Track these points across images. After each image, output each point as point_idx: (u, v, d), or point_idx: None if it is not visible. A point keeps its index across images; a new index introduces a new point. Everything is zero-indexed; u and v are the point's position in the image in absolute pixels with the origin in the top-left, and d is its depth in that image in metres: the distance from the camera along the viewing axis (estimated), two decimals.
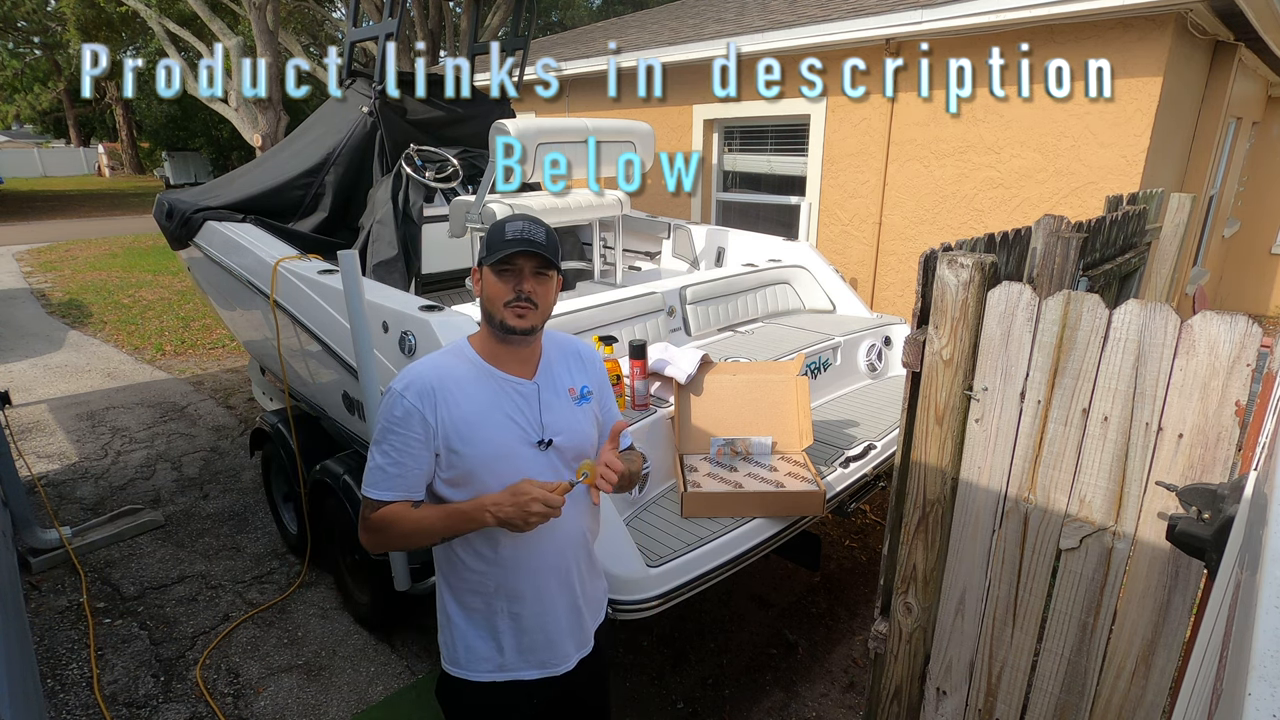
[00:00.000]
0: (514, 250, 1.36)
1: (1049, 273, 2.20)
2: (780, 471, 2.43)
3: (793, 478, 2.38)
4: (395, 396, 1.40)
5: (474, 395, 1.42)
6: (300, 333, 3.14)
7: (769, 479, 2.38)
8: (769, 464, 2.49)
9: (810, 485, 2.33)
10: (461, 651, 1.51)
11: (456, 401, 1.40)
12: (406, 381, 1.40)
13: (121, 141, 32.51)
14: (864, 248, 5.31)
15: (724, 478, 2.39)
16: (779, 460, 2.52)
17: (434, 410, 1.38)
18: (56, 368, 6.61)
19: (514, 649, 1.51)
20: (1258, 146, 7.66)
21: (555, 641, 1.53)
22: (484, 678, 1.51)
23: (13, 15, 22.40)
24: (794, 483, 2.34)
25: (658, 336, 3.10)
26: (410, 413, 1.38)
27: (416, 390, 1.39)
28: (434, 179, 4.05)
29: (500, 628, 1.50)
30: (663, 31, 6.66)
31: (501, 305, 1.39)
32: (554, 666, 1.54)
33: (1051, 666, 1.65)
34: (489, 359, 1.45)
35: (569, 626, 1.55)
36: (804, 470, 2.43)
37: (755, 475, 2.41)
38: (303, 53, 14.62)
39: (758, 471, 2.44)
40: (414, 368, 1.44)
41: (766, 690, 2.80)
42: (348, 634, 3.10)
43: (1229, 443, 1.33)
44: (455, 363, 1.45)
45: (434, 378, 1.41)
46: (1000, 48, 3.34)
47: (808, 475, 2.40)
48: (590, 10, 27.19)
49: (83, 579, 3.46)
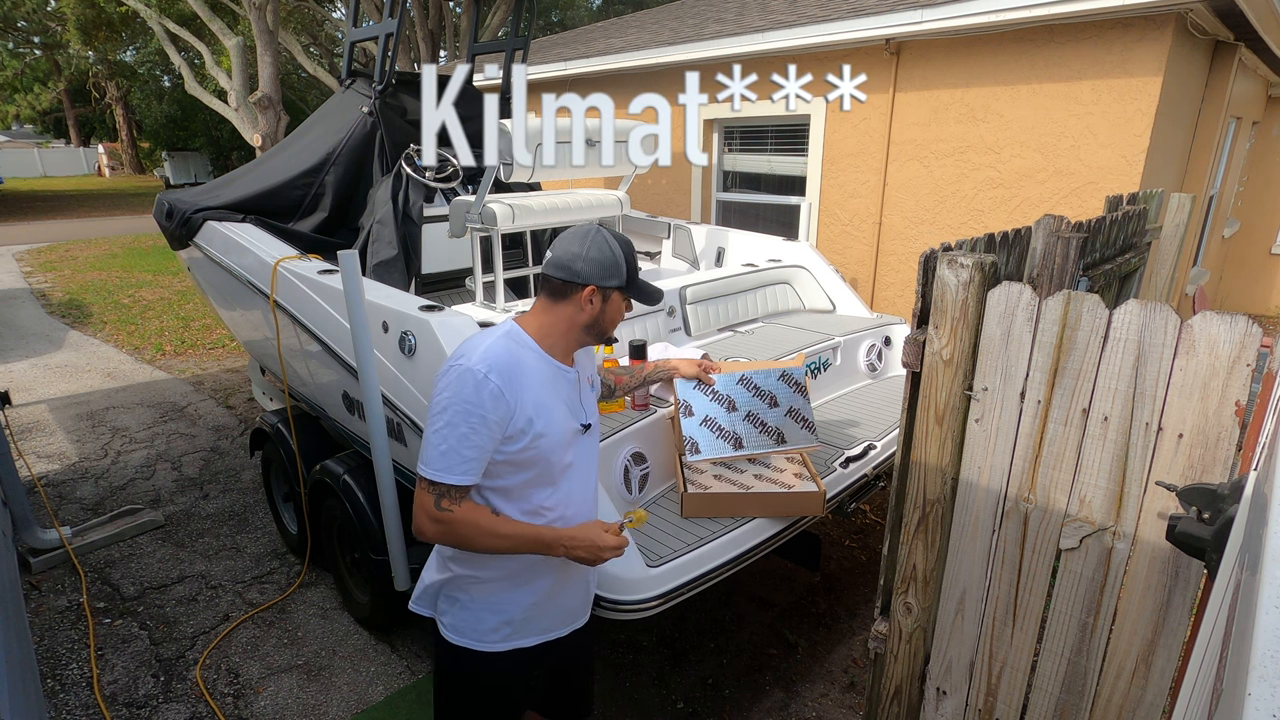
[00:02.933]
0: (652, 299, 1.58)
1: (1049, 273, 2.20)
2: (780, 472, 2.43)
3: (793, 478, 2.38)
4: (475, 376, 1.37)
5: (540, 380, 1.47)
6: (300, 333, 3.14)
7: (769, 479, 2.38)
8: (769, 464, 2.49)
9: (810, 485, 2.33)
10: (471, 622, 1.56)
11: (530, 384, 1.44)
12: (488, 362, 1.39)
13: (121, 141, 32.52)
14: (864, 248, 5.31)
15: (724, 478, 2.39)
16: (779, 460, 2.52)
17: (516, 392, 1.40)
18: (56, 368, 6.61)
19: (524, 620, 1.58)
20: (1258, 146, 7.66)
21: (568, 609, 1.67)
22: (489, 648, 1.57)
23: (13, 15, 22.41)
24: (794, 483, 2.34)
25: (658, 336, 3.10)
26: (495, 394, 1.38)
27: (500, 371, 1.39)
28: (434, 179, 4.05)
29: (520, 600, 1.56)
30: (663, 31, 6.66)
31: (613, 325, 1.56)
32: (554, 631, 1.65)
33: (1051, 666, 1.65)
34: (546, 348, 1.51)
35: (582, 599, 1.71)
36: (804, 470, 2.44)
37: (755, 475, 2.41)
38: (303, 53, 14.60)
39: (758, 471, 2.44)
40: (488, 348, 1.43)
41: (766, 690, 2.80)
42: (348, 634, 3.10)
43: (1229, 443, 1.33)
44: (517, 347, 1.47)
45: (511, 360, 1.43)
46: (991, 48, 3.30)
47: (808, 475, 2.40)
48: (590, 10, 27.19)
49: (83, 579, 3.46)
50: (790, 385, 2.40)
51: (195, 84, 13.17)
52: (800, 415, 2.37)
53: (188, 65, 14.07)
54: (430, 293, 4.09)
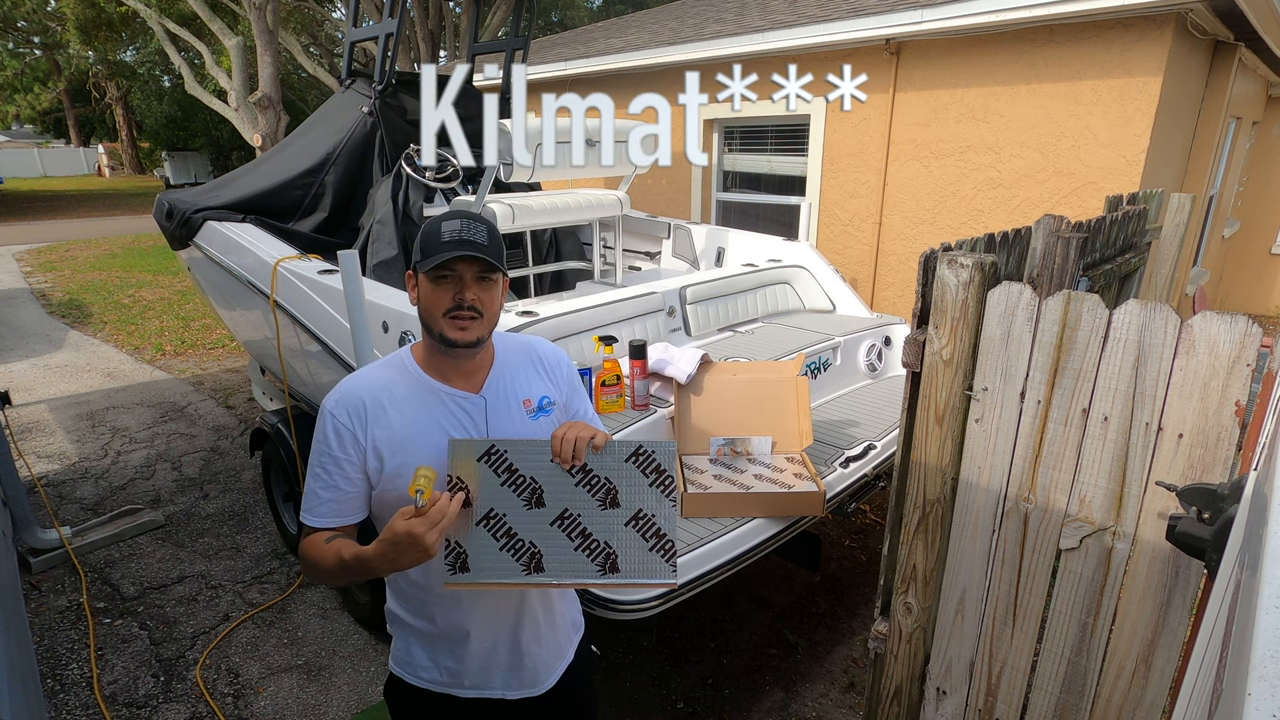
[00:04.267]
0: (452, 255, 1.20)
1: (1049, 273, 2.20)
2: (780, 471, 2.43)
3: (793, 478, 2.38)
4: (325, 414, 1.27)
5: (409, 412, 1.28)
6: (300, 333, 3.14)
7: (769, 479, 2.38)
8: (769, 464, 2.49)
9: (810, 485, 2.33)
10: (402, 654, 1.44)
11: (389, 419, 1.26)
12: (337, 397, 1.28)
13: (121, 141, 32.54)
14: (864, 248, 5.31)
15: (724, 478, 2.39)
16: (779, 460, 2.52)
17: (364, 428, 1.25)
18: (56, 368, 6.61)
19: (452, 669, 1.41)
20: (1258, 146, 7.66)
21: (505, 665, 1.41)
22: (422, 685, 1.43)
23: (13, 15, 22.42)
24: (794, 483, 2.34)
25: (658, 336, 3.10)
26: (340, 431, 1.25)
27: (345, 407, 1.26)
28: (434, 179, 4.05)
29: (444, 644, 1.40)
30: (663, 31, 6.66)
31: (440, 316, 1.24)
32: (488, 690, 1.43)
33: (1051, 666, 1.65)
34: (430, 371, 1.31)
35: (518, 659, 1.41)
36: (804, 470, 2.44)
37: (755, 475, 2.41)
38: (303, 53, 14.61)
39: (758, 471, 2.44)
40: (347, 382, 1.31)
41: (766, 690, 2.80)
42: (348, 634, 3.10)
43: (1229, 443, 1.33)
44: (392, 375, 1.31)
45: (366, 392, 1.27)
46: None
47: (807, 475, 2.40)
48: (590, 10, 27.19)
49: (83, 579, 3.46)
50: (647, 472, 1.26)
51: (195, 84, 13.17)
52: (652, 527, 1.25)
53: (188, 65, 14.07)
54: None
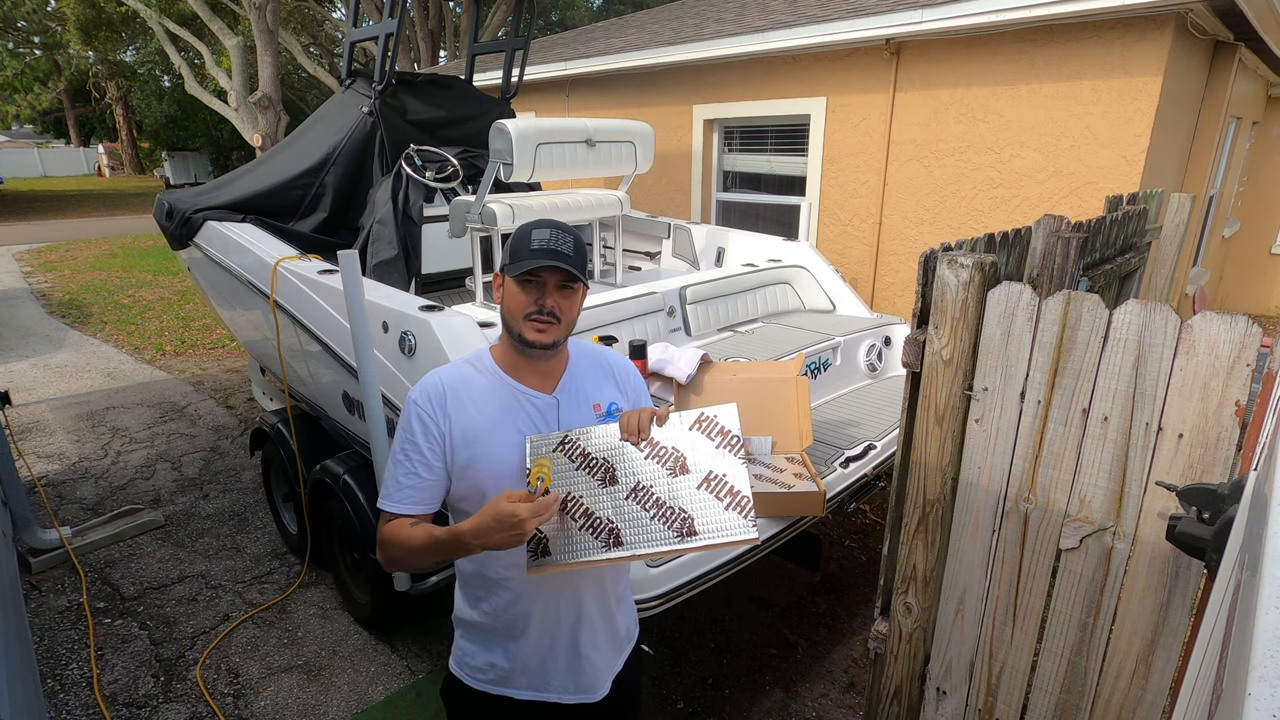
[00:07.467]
0: (539, 264, 1.27)
1: (1049, 273, 2.20)
2: (780, 471, 2.43)
3: (793, 478, 2.38)
4: (409, 403, 1.35)
5: (486, 406, 1.35)
6: (300, 333, 3.14)
7: (769, 479, 2.38)
8: (769, 464, 2.49)
9: (810, 485, 2.33)
10: (464, 654, 1.50)
11: (467, 411, 1.33)
12: (421, 388, 1.36)
13: (121, 141, 32.54)
14: (864, 248, 5.31)
15: None
16: (779, 460, 2.52)
17: (446, 418, 1.33)
18: (56, 368, 6.61)
19: (508, 669, 1.46)
20: (1258, 146, 7.66)
21: (561, 671, 1.46)
22: (479, 686, 1.48)
23: (13, 15, 22.42)
24: (794, 483, 2.34)
25: (658, 336, 3.10)
26: (424, 419, 1.33)
27: (428, 395, 1.34)
28: (434, 179, 4.05)
29: (505, 647, 1.45)
30: (663, 31, 6.66)
31: (522, 318, 1.31)
32: (545, 693, 1.48)
33: (1051, 666, 1.65)
34: (507, 369, 1.38)
35: (577, 664, 1.47)
36: (804, 470, 2.43)
37: (755, 475, 2.41)
38: (303, 53, 14.61)
39: (758, 471, 2.44)
40: (430, 375, 1.39)
41: (766, 690, 2.80)
42: (348, 634, 3.10)
43: (1229, 443, 1.33)
44: (472, 371, 1.39)
45: (447, 383, 1.36)
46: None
47: (808, 475, 2.40)
48: (590, 10, 27.19)
49: (83, 579, 3.46)
50: (712, 435, 1.29)
51: (195, 84, 13.18)
52: (725, 485, 1.26)
53: (188, 65, 14.07)
54: (430, 293, 4.10)
